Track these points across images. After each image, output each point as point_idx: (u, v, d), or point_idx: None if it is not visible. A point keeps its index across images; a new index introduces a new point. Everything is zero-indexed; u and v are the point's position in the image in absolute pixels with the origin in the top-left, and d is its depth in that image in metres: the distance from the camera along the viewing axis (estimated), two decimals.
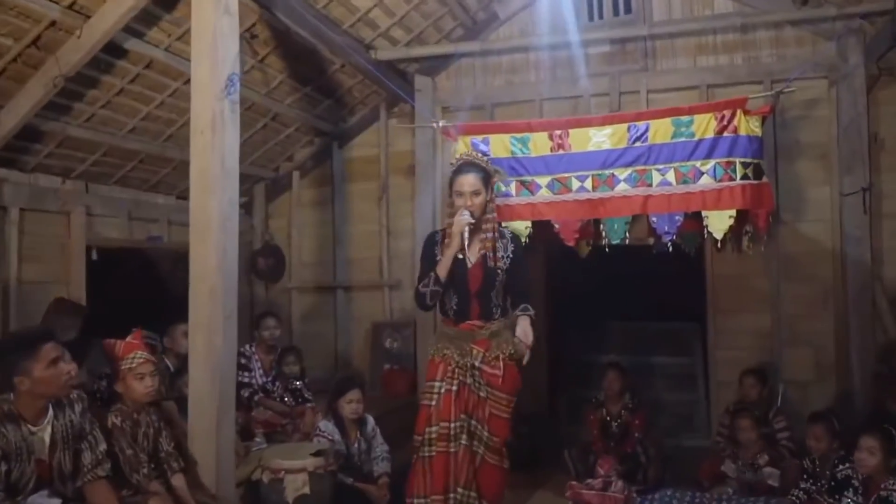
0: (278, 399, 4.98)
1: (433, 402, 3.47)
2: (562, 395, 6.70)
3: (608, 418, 5.23)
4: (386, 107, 6.97)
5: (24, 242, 4.85)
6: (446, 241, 3.45)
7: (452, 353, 3.46)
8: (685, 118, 3.56)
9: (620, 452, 5.05)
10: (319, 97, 6.58)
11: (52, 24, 4.10)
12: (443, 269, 3.42)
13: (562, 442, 5.71)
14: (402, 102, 6.64)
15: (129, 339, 3.34)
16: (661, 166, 3.59)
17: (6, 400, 2.70)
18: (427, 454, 3.44)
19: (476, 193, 3.39)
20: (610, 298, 7.29)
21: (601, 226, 3.71)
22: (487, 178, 3.51)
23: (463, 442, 3.41)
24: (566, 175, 3.71)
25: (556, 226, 3.76)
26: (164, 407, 3.78)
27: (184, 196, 6.55)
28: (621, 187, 3.64)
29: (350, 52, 5.51)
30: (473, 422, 3.44)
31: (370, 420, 4.58)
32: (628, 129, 3.64)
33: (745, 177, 3.49)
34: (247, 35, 5.21)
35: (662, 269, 6.64)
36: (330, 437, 4.22)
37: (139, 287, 5.89)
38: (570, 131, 3.70)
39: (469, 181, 3.40)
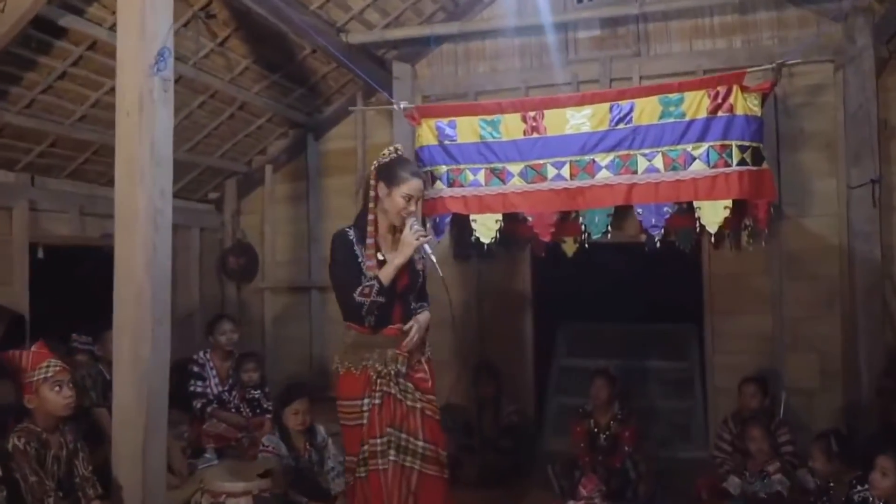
0: (234, 410, 4.57)
1: (364, 421, 3.06)
2: (549, 404, 6.27)
3: (596, 430, 4.82)
4: (363, 96, 6.55)
5: None
6: (370, 243, 3.05)
7: (373, 363, 3.06)
8: (674, 96, 3.14)
9: (609, 467, 4.63)
10: (291, 85, 6.16)
11: None
12: (389, 279, 3.01)
13: (548, 455, 5.32)
14: (381, 91, 6.22)
15: (34, 349, 2.94)
16: (647, 151, 3.17)
17: None
18: (363, 474, 3.10)
19: (417, 200, 3.10)
20: (601, 299, 6.87)
21: (580, 219, 3.30)
22: None
23: (391, 458, 3.04)
24: (541, 161, 3.29)
25: (530, 219, 3.35)
26: (96, 414, 3.37)
27: None
28: (602, 175, 3.22)
29: (316, 36, 5.09)
30: (403, 435, 3.07)
31: (320, 430, 4.19)
32: (610, 109, 3.22)
33: (742, 162, 3.08)
34: (202, 14, 4.81)
35: (656, 268, 6.23)
36: (275, 451, 3.83)
37: (91, 288, 5.46)
38: (546, 112, 3.28)
39: (419, 187, 3.08)
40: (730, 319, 5.50)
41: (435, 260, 3.12)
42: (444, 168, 3.50)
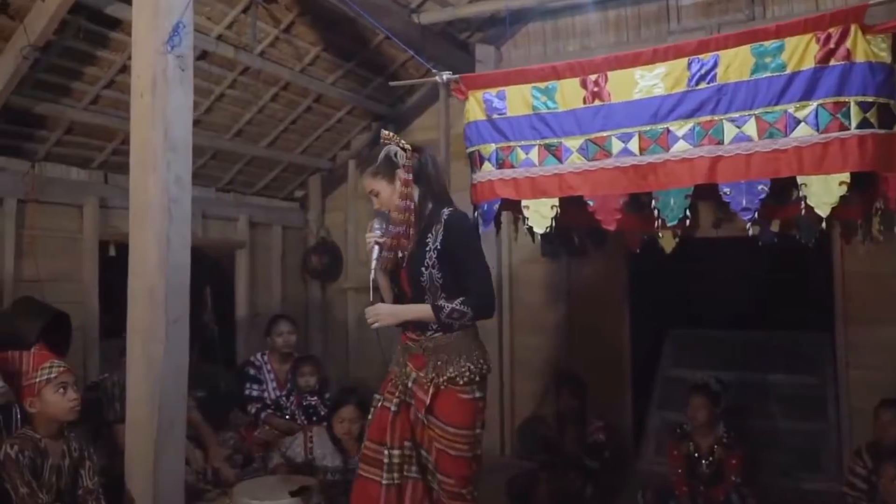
0: (289, 416, 4.28)
1: (370, 416, 2.82)
2: (650, 419, 5.57)
3: (696, 454, 4.13)
4: (446, 84, 6.12)
5: (24, 236, 4.44)
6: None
7: (397, 367, 2.80)
8: (771, 44, 2.46)
9: (710, 499, 3.94)
10: (368, 74, 5.85)
11: None
12: (386, 291, 2.81)
13: (645, 477, 4.68)
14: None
15: (35, 350, 2.75)
16: (736, 115, 2.51)
17: None
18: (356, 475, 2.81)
19: (375, 194, 2.78)
20: (713, 302, 6.08)
21: (652, 202, 2.70)
22: (387, 167, 2.74)
23: (413, 475, 2.68)
24: (604, 134, 2.71)
25: (591, 203, 2.78)
26: (114, 431, 3.16)
27: (226, 189, 6.08)
28: (679, 147, 2.60)
29: (383, 15, 4.72)
30: (423, 453, 2.70)
31: None
32: (688, 65, 2.59)
33: (864, 124, 2.35)
34: None
35: (778, 266, 5.40)
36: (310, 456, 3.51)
37: None
38: (609, 75, 2.70)
39: (364, 183, 2.82)
40: (868, 328, 4.60)
41: (373, 268, 2.68)
42: (492, 146, 3.01)
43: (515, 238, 2.97)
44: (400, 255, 2.69)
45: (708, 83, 2.59)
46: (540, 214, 2.89)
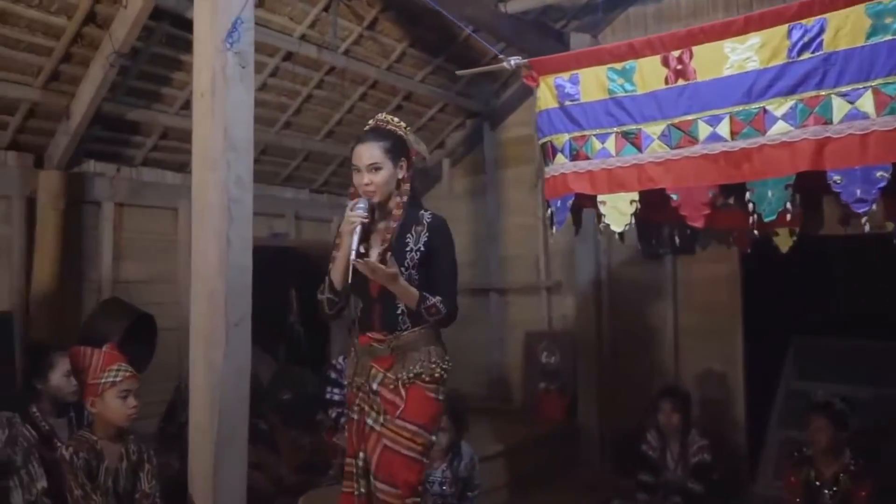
0: None
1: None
2: (771, 438, 5.02)
3: (817, 483, 3.63)
4: (516, 71, 5.84)
5: (122, 239, 4.59)
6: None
7: (354, 376, 2.57)
8: (891, 0, 2.04)
9: None
10: (458, 70, 5.65)
11: None
12: (336, 273, 2.50)
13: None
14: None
15: (106, 349, 2.74)
16: (847, 89, 2.08)
17: None
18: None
19: (376, 169, 2.46)
20: (843, 308, 5.42)
21: (746, 195, 2.31)
22: (398, 150, 2.52)
23: (363, 489, 2.53)
24: (689, 118, 2.36)
25: (675, 197, 2.44)
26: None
27: (320, 190, 6.08)
28: (778, 129, 2.20)
29: (465, 5, 4.51)
30: (363, 455, 2.53)
31: (466, 451, 3.61)
32: (788, 33, 2.18)
33: None
34: None
35: None
36: None
37: (258, 288, 5.45)
38: (695, 50, 2.34)
39: (368, 152, 2.47)
40: None
41: (353, 254, 2.37)
42: (565, 136, 2.72)
43: (600, 234, 2.66)
44: (363, 250, 2.42)
45: (812, 53, 2.18)
46: (618, 210, 2.57)
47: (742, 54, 2.30)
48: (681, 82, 2.43)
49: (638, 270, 5.32)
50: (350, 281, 2.39)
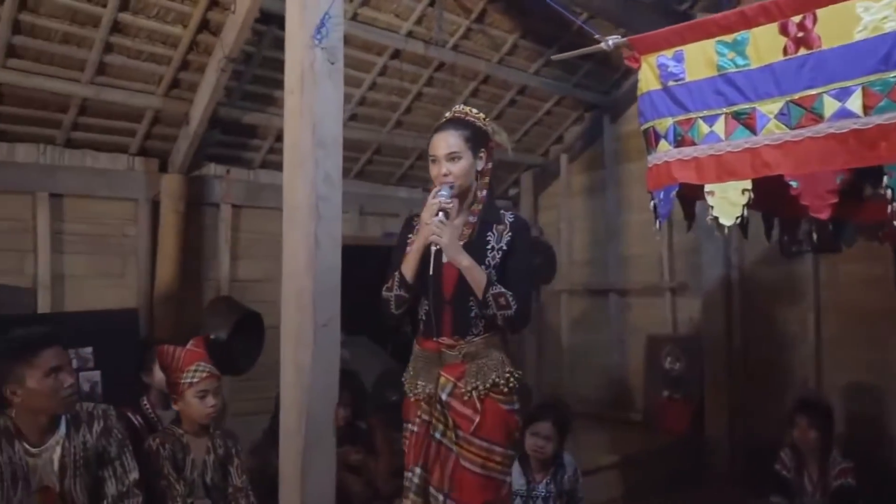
0: None
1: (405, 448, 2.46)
2: None
3: None
4: (616, 52, 5.46)
5: (240, 240, 4.74)
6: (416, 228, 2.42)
7: (418, 383, 2.38)
8: None
9: None
10: (574, 60, 5.41)
11: (214, 3, 3.83)
12: (409, 268, 2.33)
13: None
14: None
15: (190, 345, 2.78)
16: None
17: (4, 414, 2.31)
18: None
19: (454, 158, 2.31)
20: None
21: (884, 179, 1.94)
22: (478, 140, 2.37)
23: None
24: (812, 92, 2.01)
25: (794, 184, 2.10)
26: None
27: (429, 189, 6.01)
28: None
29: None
30: (433, 484, 2.32)
31: (569, 463, 3.41)
32: None
33: None
34: None
35: None
36: None
37: (368, 287, 5.47)
38: (819, 14, 2.00)
39: (445, 141, 2.32)
40: None
41: (433, 250, 2.24)
42: (668, 121, 2.44)
43: (724, 233, 2.37)
44: (435, 247, 2.25)
45: None
46: (728, 202, 2.27)
47: (878, 13, 1.95)
48: (802, 52, 2.10)
49: (773, 271, 4.83)
50: (431, 272, 2.25)
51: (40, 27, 3.60)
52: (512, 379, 2.33)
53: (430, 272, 2.25)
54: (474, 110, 2.49)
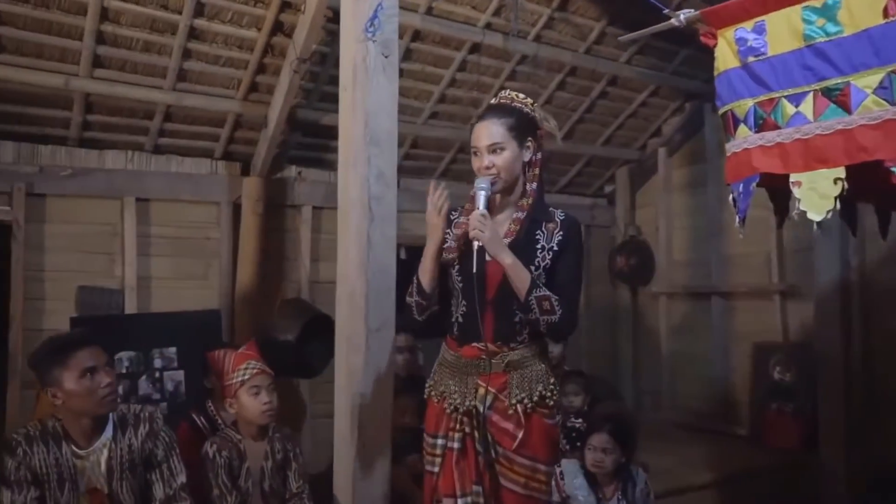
0: None
1: (435, 468, 2.22)
2: None
3: None
4: (688, 28, 4.99)
5: (320, 241, 4.74)
6: (458, 222, 2.24)
7: (452, 392, 2.18)
8: None
9: None
10: (670, 46, 5.06)
11: (286, 4, 3.82)
12: (425, 273, 2.18)
13: None
14: None
15: (242, 349, 2.74)
16: None
17: (54, 416, 2.34)
18: None
19: (497, 149, 2.13)
20: None
21: None
22: (524, 128, 2.18)
23: None
24: None
25: (895, 169, 1.76)
26: None
27: None
28: None
29: None
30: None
31: (639, 476, 3.14)
32: None
33: None
34: None
35: None
36: (563, 494, 2.97)
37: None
38: None
39: (487, 131, 2.15)
40: None
41: (476, 248, 2.06)
42: (748, 102, 2.13)
43: (817, 229, 2.05)
44: (477, 244, 2.07)
45: None
46: (817, 193, 1.95)
47: None
48: None
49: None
50: (476, 270, 2.06)
51: (122, 37, 3.71)
52: (555, 391, 2.17)
53: (475, 270, 2.06)
54: (521, 95, 2.29)
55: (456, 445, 2.18)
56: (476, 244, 2.06)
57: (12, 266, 3.77)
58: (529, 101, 2.28)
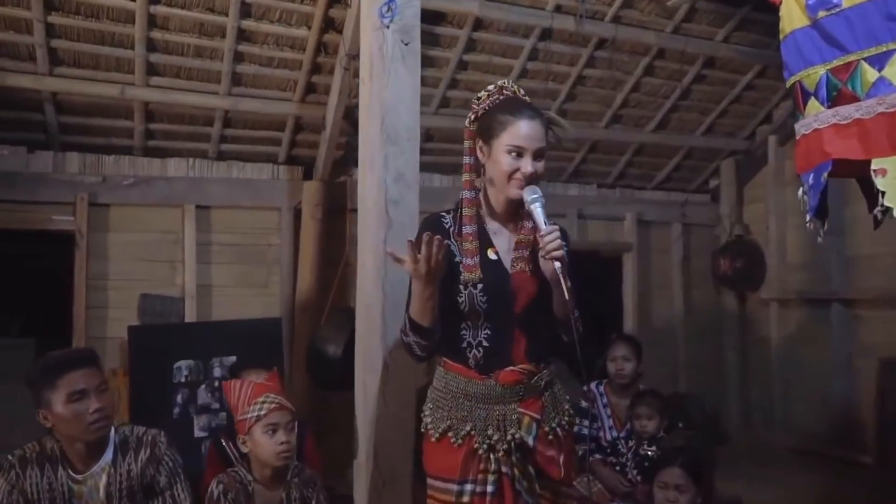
0: (619, 468, 3.35)
1: None
2: None
3: None
4: None
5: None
6: (467, 232, 1.89)
7: (483, 430, 1.86)
8: None
9: None
10: (773, 18, 4.42)
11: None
12: (426, 315, 1.82)
13: None
14: None
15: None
16: None
17: (53, 438, 2.23)
18: None
19: (541, 155, 1.86)
20: None
21: None
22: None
23: None
24: None
25: None
26: None
27: (612, 185, 5.36)
28: None
29: None
30: None
31: None
32: None
33: None
34: None
35: None
36: None
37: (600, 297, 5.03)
38: None
39: (538, 133, 1.85)
40: None
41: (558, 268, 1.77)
42: (819, 70, 1.66)
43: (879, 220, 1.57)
44: (493, 256, 1.88)
45: None
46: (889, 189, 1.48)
47: None
48: None
49: None
50: (567, 293, 1.78)
51: (173, 42, 3.66)
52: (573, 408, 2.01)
53: (567, 296, 1.77)
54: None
55: (489, 489, 1.86)
56: (557, 266, 1.74)
57: (75, 275, 3.81)
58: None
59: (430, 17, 3.87)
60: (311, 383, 3.76)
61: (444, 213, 1.96)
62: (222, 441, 2.87)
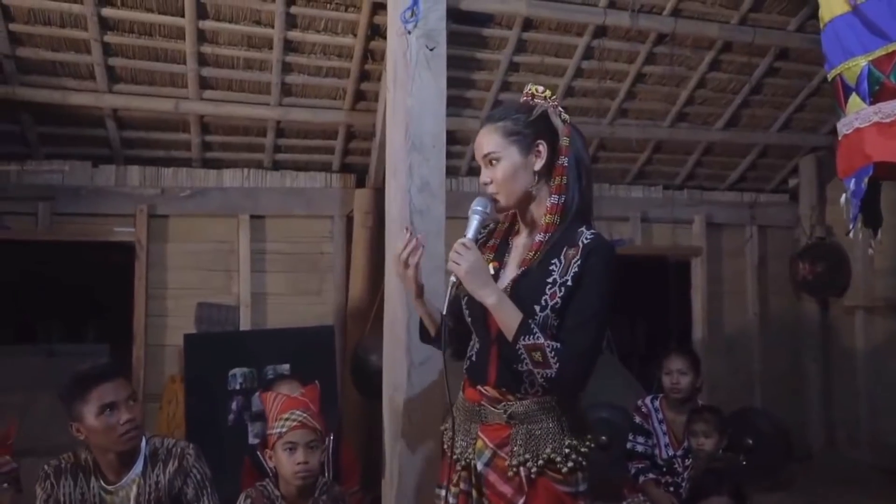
0: (672, 488, 3.15)
1: None
2: None
3: None
4: None
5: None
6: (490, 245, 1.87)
7: (456, 441, 1.81)
8: None
9: None
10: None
11: (378, 5, 3.59)
12: (423, 315, 1.92)
13: None
14: None
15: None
16: None
17: (87, 449, 2.28)
18: None
19: (493, 160, 1.75)
20: None
21: None
22: (530, 129, 1.75)
23: None
24: None
25: None
26: None
27: (680, 186, 5.10)
28: None
29: None
30: None
31: None
32: None
33: None
34: None
35: None
36: None
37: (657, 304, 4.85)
38: None
39: (481, 140, 1.78)
40: None
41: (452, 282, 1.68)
42: (860, 62, 1.46)
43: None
44: (493, 270, 1.75)
45: None
46: None
47: None
48: None
49: None
50: (445, 310, 1.74)
51: (223, 56, 3.73)
52: (574, 455, 1.69)
53: (443, 310, 1.73)
54: (540, 88, 1.84)
55: (451, 501, 1.81)
56: (452, 278, 1.66)
57: (135, 284, 3.94)
58: (545, 92, 1.82)
59: (477, 20, 3.79)
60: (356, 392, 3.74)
61: (488, 224, 1.89)
62: (258, 453, 2.88)
